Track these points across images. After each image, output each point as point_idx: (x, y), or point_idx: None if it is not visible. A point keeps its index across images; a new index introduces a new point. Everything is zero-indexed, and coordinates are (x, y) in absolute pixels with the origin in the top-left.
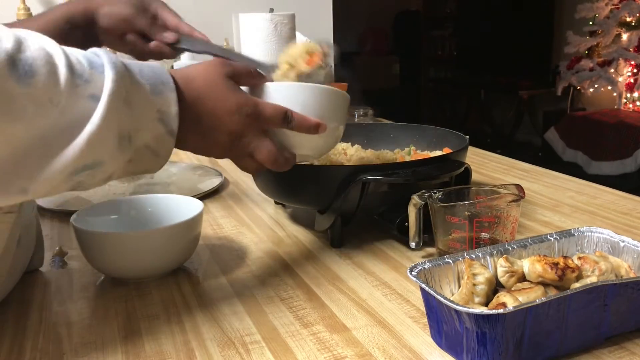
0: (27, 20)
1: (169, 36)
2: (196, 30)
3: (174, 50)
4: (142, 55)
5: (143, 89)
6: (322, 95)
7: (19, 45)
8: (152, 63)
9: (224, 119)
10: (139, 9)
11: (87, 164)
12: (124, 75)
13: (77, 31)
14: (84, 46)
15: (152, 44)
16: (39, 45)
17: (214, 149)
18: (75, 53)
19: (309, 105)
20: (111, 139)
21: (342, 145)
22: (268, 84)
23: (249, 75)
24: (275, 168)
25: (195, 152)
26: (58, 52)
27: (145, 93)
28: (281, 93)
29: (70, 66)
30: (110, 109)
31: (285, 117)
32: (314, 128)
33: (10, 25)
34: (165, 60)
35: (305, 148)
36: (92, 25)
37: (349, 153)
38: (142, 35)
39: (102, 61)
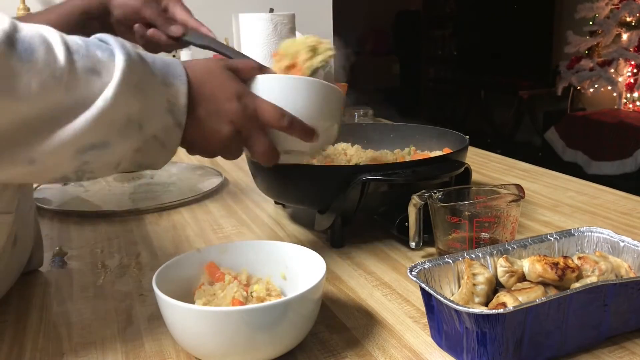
0: (44, 12)
1: (175, 30)
2: (204, 25)
3: (177, 42)
4: (149, 46)
5: (155, 79)
6: (320, 90)
7: (14, 26)
8: (164, 57)
9: (223, 105)
10: (149, 6)
11: (95, 142)
12: (136, 63)
13: (94, 22)
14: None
15: (151, 31)
16: (32, 27)
17: (214, 140)
18: (71, 36)
19: (305, 99)
20: (120, 120)
21: (342, 145)
22: (267, 75)
23: (248, 69)
24: (265, 164)
25: (197, 147)
26: (50, 32)
27: (157, 83)
28: (278, 85)
29: (65, 44)
30: (122, 91)
31: (282, 119)
32: (308, 135)
33: (25, 17)
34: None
35: (299, 146)
36: (107, 16)
37: (349, 153)
38: (150, 26)
39: (109, 45)
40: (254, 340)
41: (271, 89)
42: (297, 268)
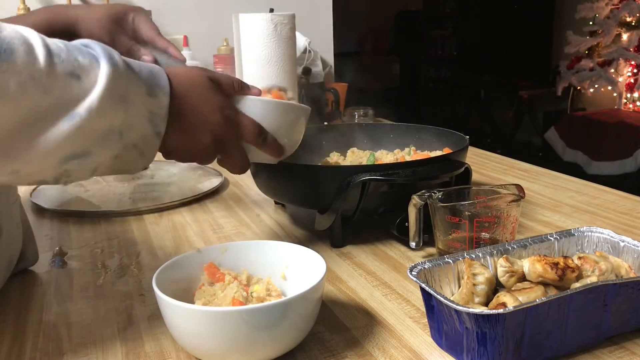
0: (7, 20)
1: (147, 60)
2: (172, 45)
3: None
4: None
5: (140, 89)
6: (295, 113)
7: None
8: (151, 64)
9: (207, 117)
10: (116, 29)
11: (77, 152)
12: (122, 72)
13: (57, 37)
14: None
15: None
16: (13, 28)
17: (194, 149)
18: (52, 39)
19: (282, 121)
20: (102, 130)
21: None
22: (250, 97)
23: (230, 85)
24: (235, 173)
25: (176, 154)
26: (32, 34)
27: (141, 93)
28: (260, 106)
29: (46, 46)
30: (106, 101)
31: (260, 135)
32: (279, 153)
33: None
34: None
35: (267, 158)
36: (72, 35)
37: (348, 154)
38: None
39: (93, 51)
40: (254, 340)
41: (252, 109)
42: (297, 268)
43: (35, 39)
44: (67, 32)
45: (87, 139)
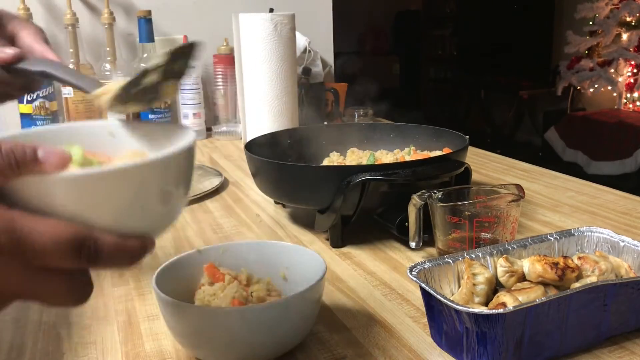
0: None
1: (8, 52)
2: (51, 52)
3: (10, 72)
4: None
5: None
6: (146, 177)
7: None
8: None
9: None
10: None
11: None
12: None
13: None
14: None
15: None
16: None
17: None
18: None
19: (125, 198)
20: None
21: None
22: (41, 179)
23: (8, 169)
24: (74, 305)
25: None
26: None
27: None
28: (64, 194)
29: None
30: None
31: (80, 249)
32: (137, 255)
33: None
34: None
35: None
36: None
37: (348, 154)
38: None
39: None
40: (254, 340)
41: (55, 200)
42: (297, 268)
43: None
44: None
45: None
